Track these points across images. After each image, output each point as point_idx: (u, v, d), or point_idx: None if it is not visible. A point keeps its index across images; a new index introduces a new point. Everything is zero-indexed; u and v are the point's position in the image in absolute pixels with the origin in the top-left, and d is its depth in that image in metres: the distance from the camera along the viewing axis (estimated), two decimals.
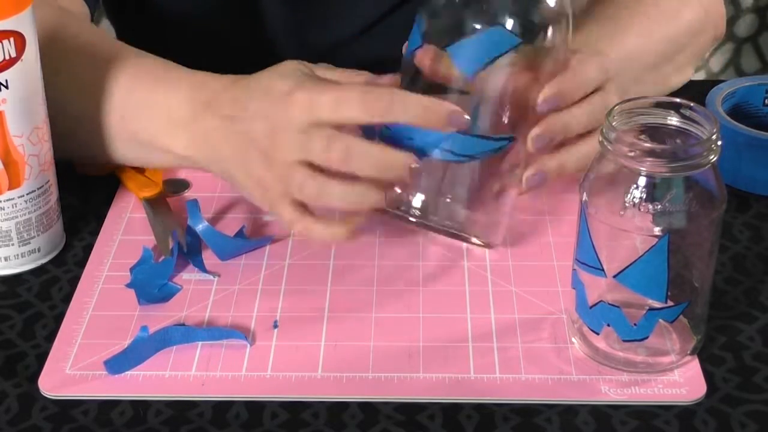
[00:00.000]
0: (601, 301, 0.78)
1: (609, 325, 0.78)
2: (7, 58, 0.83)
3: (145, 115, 0.91)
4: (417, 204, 0.85)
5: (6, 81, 0.84)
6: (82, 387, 0.78)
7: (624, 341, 0.78)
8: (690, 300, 0.78)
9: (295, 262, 0.90)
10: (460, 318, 0.84)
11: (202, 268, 0.89)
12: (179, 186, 0.98)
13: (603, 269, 0.77)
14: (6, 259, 0.89)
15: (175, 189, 0.98)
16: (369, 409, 0.77)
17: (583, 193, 0.77)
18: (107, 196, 0.98)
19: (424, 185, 0.85)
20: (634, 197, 0.75)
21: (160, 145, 0.91)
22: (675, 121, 0.77)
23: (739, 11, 1.85)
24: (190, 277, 0.88)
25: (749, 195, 0.97)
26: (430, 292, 0.86)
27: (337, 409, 0.77)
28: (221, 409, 0.77)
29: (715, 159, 0.75)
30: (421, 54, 0.85)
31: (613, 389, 0.78)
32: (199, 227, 0.89)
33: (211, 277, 0.88)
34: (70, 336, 0.83)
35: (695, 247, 0.77)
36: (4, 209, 0.87)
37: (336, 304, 0.85)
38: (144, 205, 0.96)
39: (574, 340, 0.81)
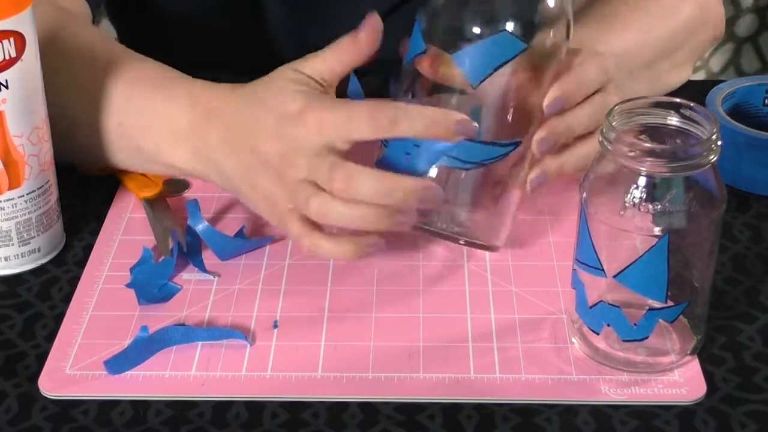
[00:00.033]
0: (601, 301, 0.78)
1: (609, 325, 0.78)
2: (7, 58, 0.83)
3: (145, 124, 0.91)
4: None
5: (6, 81, 0.84)
6: (82, 387, 0.78)
7: (624, 341, 0.78)
8: (690, 300, 0.78)
9: (295, 262, 0.90)
10: (460, 318, 0.84)
11: (202, 268, 0.89)
12: (179, 186, 0.98)
13: (603, 269, 0.77)
14: (6, 259, 0.89)
15: (175, 189, 0.98)
16: (369, 409, 0.77)
17: (583, 193, 0.77)
18: (107, 196, 0.98)
19: None
20: (634, 197, 0.75)
21: (162, 159, 0.91)
22: (675, 121, 0.77)
23: (739, 11, 1.85)
24: (190, 277, 0.88)
25: (749, 195, 0.97)
26: (430, 292, 0.86)
27: (337, 409, 0.77)
28: (221, 409, 0.77)
29: (715, 159, 0.75)
30: (423, 59, 0.85)
31: (613, 389, 0.78)
32: (199, 227, 0.89)
33: (211, 277, 0.88)
34: (70, 336, 0.83)
35: (695, 247, 0.77)
36: (4, 209, 0.87)
37: (336, 304, 0.85)
38: (144, 205, 0.96)
39: (574, 340, 0.81)
